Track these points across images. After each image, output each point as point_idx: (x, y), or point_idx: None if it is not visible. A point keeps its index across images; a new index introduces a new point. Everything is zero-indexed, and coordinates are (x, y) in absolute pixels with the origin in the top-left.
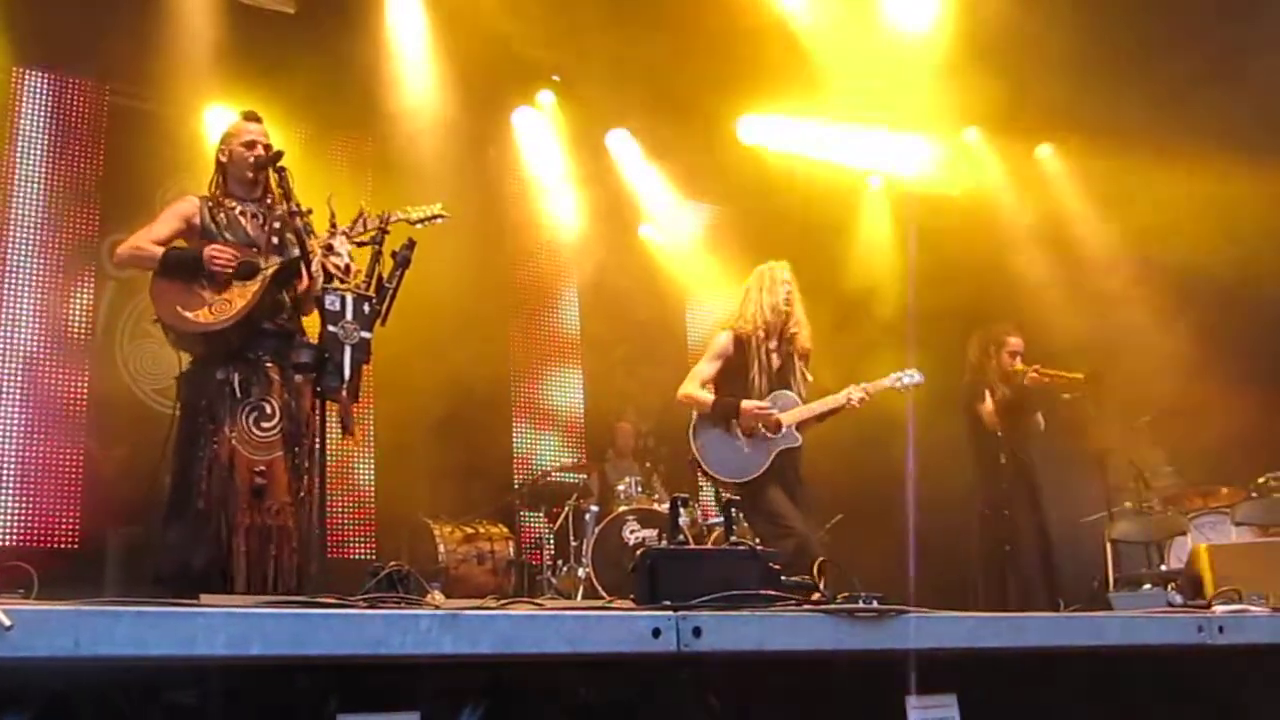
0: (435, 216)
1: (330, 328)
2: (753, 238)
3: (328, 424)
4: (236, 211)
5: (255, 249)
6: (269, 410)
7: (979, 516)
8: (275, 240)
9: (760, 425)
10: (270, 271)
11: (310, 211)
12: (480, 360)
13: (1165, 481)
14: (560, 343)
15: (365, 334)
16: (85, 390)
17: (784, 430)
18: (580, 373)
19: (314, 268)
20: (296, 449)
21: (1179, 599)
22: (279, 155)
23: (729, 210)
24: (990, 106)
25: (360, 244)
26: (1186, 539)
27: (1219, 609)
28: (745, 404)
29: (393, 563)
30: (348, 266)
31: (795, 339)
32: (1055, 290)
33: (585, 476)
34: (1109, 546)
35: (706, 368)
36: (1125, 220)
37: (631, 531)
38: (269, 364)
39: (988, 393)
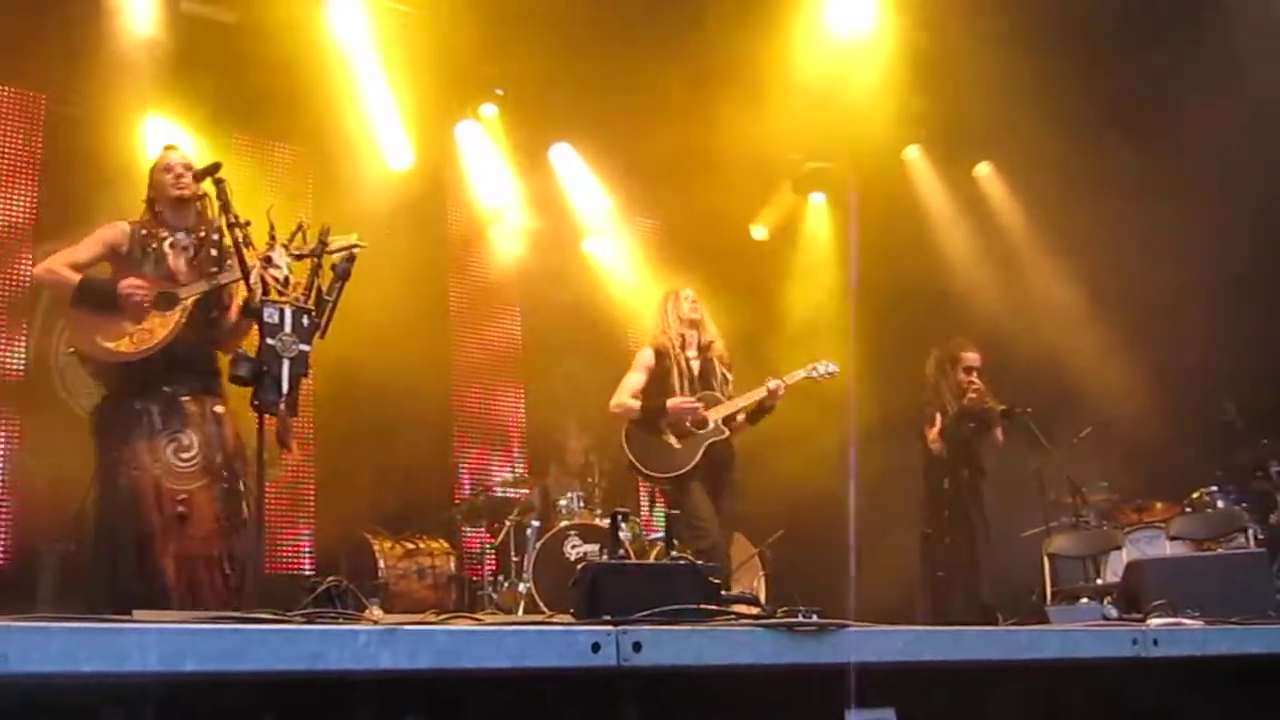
0: (352, 247)
1: (268, 340)
2: (696, 254)
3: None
4: (167, 243)
5: (176, 284)
6: (186, 442)
7: (921, 536)
8: (215, 253)
9: (688, 421)
10: (190, 301)
11: (249, 223)
12: (422, 374)
13: (1101, 497)
14: (503, 357)
15: (304, 347)
16: (15, 401)
17: (710, 424)
18: (523, 387)
19: (252, 280)
20: (226, 472)
21: (1114, 612)
22: (217, 166)
23: (672, 226)
24: (928, 124)
25: (299, 257)
26: (1122, 553)
27: (1154, 622)
28: (671, 401)
29: (330, 578)
30: (287, 279)
31: (713, 347)
32: (999, 308)
33: (527, 491)
34: (1047, 561)
35: (633, 379)
36: (1063, 241)
37: (573, 547)
38: (186, 398)
39: (936, 415)
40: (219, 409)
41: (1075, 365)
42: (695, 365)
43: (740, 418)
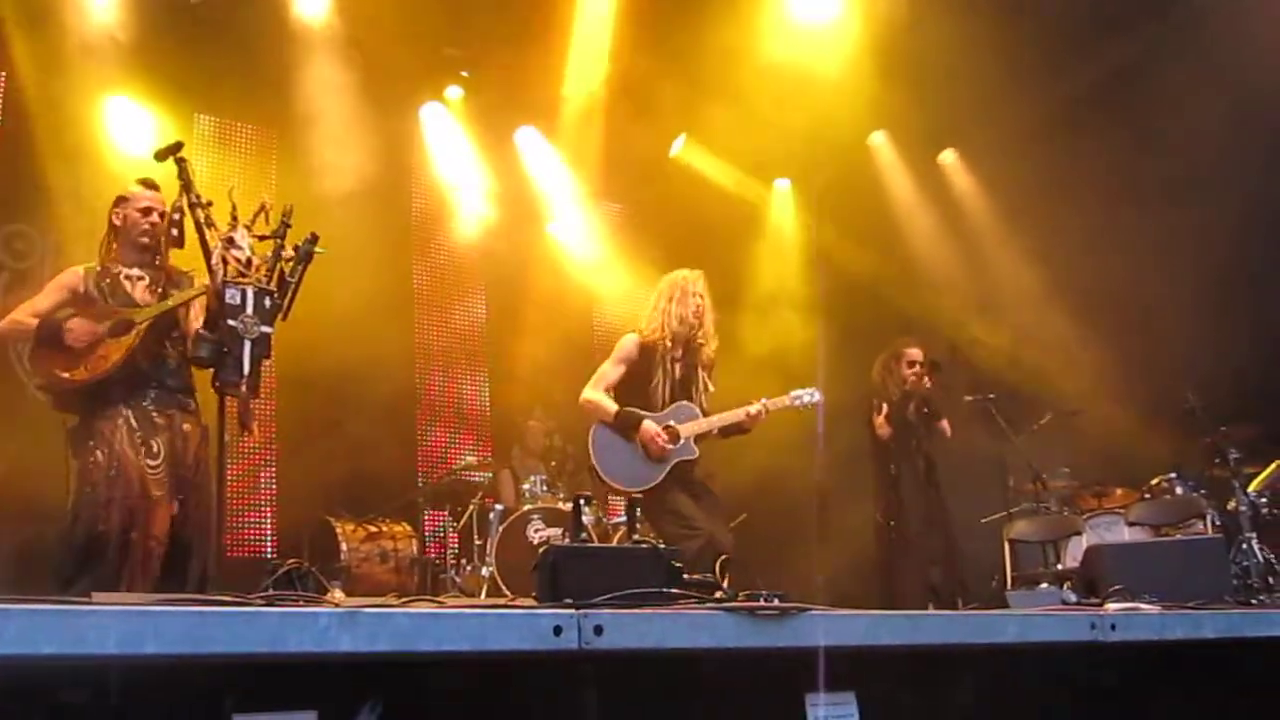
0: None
1: (230, 322)
2: (660, 239)
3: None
4: (123, 276)
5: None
6: (155, 449)
7: (874, 524)
8: (163, 291)
9: (649, 452)
10: (144, 325)
11: (211, 203)
12: (385, 356)
13: (1061, 483)
14: (467, 340)
15: (266, 329)
16: None
17: (682, 442)
18: (486, 370)
19: (214, 261)
20: (183, 484)
21: (1073, 597)
22: (178, 146)
23: (637, 211)
24: (894, 111)
25: (262, 238)
26: (1082, 539)
27: (1112, 607)
28: (646, 427)
29: (291, 560)
30: (249, 260)
31: (701, 350)
32: (963, 295)
33: (490, 475)
34: (1007, 546)
35: (611, 371)
36: (1028, 229)
37: (536, 530)
38: (153, 411)
39: (883, 405)
40: (186, 426)
41: (1038, 353)
42: (679, 370)
43: (714, 432)
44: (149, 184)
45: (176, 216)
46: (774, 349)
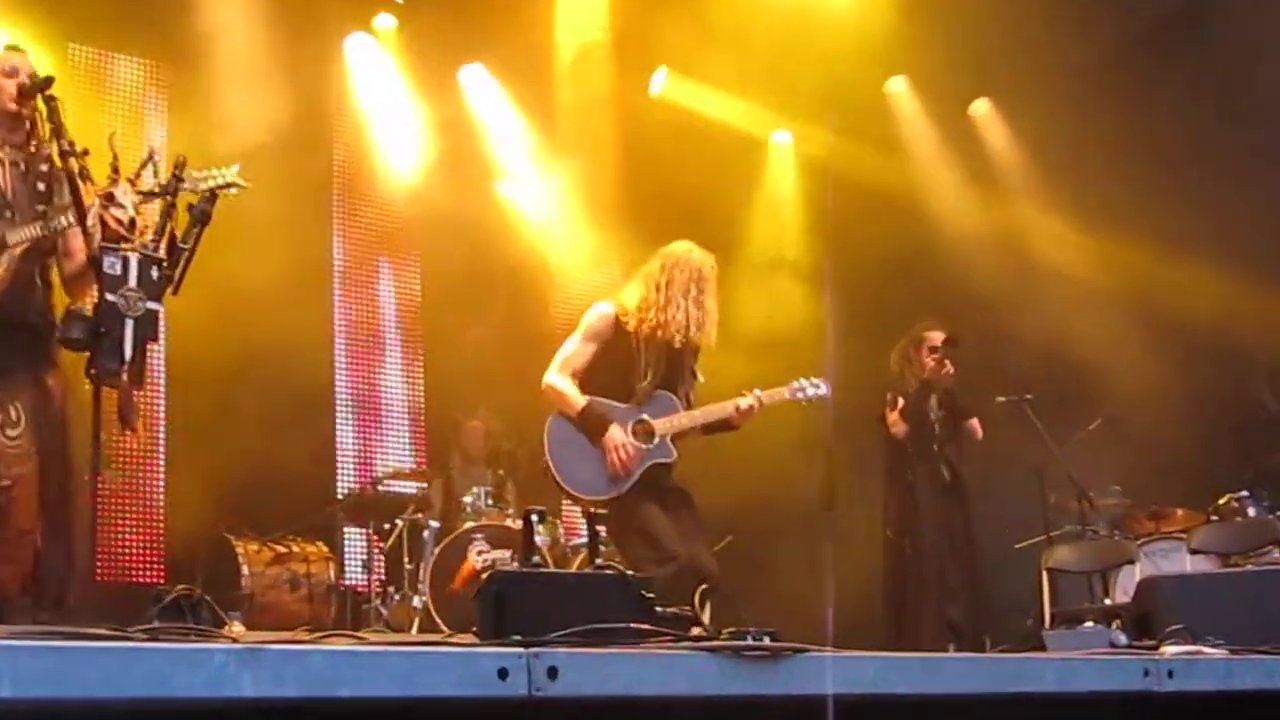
0: (228, 185)
1: (109, 296)
2: (635, 200)
3: (103, 416)
4: None
5: (9, 212)
6: (14, 416)
7: (883, 542)
8: (42, 188)
9: (613, 464)
10: (19, 250)
11: (87, 152)
12: (299, 340)
13: (1112, 501)
14: (398, 321)
15: (153, 305)
16: None
17: (657, 440)
18: (421, 358)
19: (90, 222)
20: (49, 461)
21: (1124, 639)
22: (49, 81)
23: (604, 165)
24: (915, 53)
25: (149, 195)
26: (1135, 568)
27: (1169, 650)
28: (611, 435)
29: (180, 586)
30: (132, 221)
31: (695, 338)
32: (996, 273)
33: (425, 485)
34: (1046, 577)
35: (579, 351)
36: (1075, 196)
37: (479, 553)
38: (13, 364)
39: (898, 399)
40: (51, 380)
41: (1085, 345)
42: (664, 362)
43: (696, 429)
44: (14, 48)
45: (45, 167)
46: (770, 331)
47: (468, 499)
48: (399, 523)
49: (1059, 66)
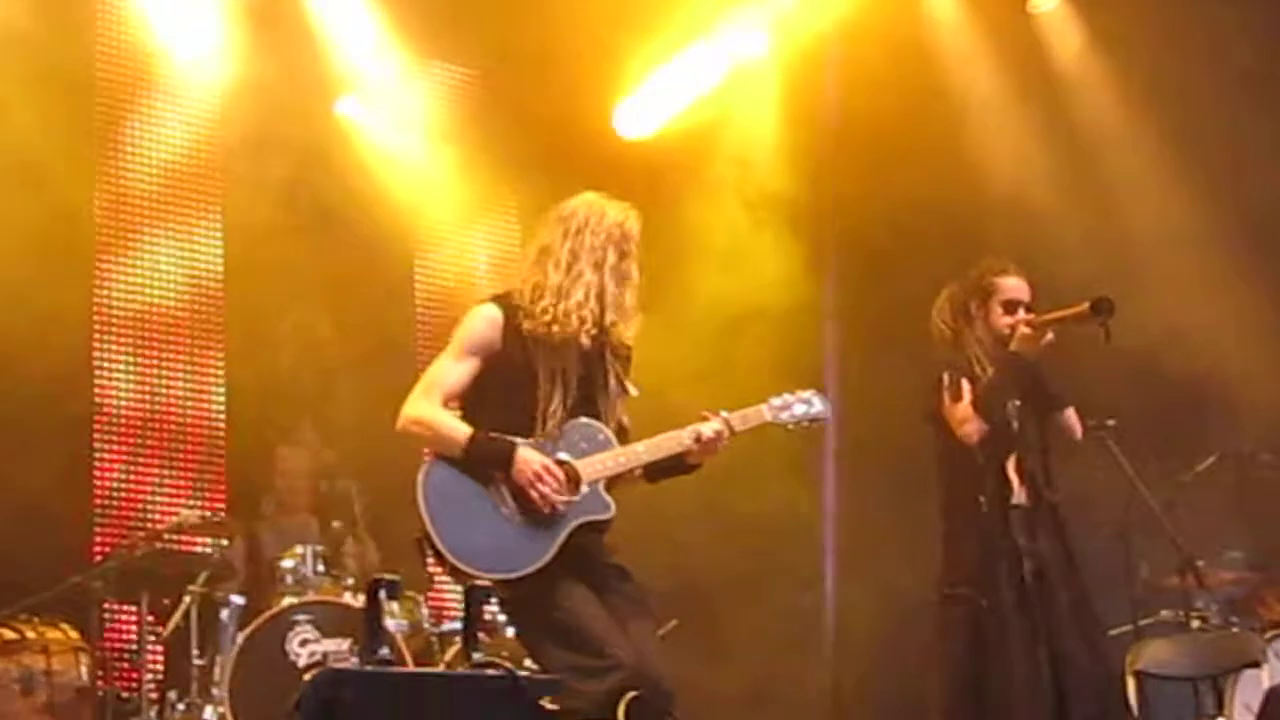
0: None
1: None
2: (538, 131)
3: None
4: None
5: None
6: None
7: (941, 602)
8: None
9: (543, 498)
10: None
11: None
12: (43, 330)
13: (1231, 575)
14: (188, 303)
15: None
16: None
17: (585, 490)
18: (220, 357)
19: None
20: None
21: None
22: None
23: (498, 80)
24: None
25: None
26: (1261, 673)
27: None
28: (525, 459)
29: None
30: None
31: (613, 330)
32: (1065, 243)
33: (224, 543)
34: (1133, 682)
35: (454, 369)
36: (1183, 138)
37: (303, 642)
38: None
39: (963, 382)
40: None
41: (1195, 351)
42: (580, 367)
43: (636, 472)
44: None
45: None
46: (738, 323)
47: (287, 563)
48: (186, 597)
49: None
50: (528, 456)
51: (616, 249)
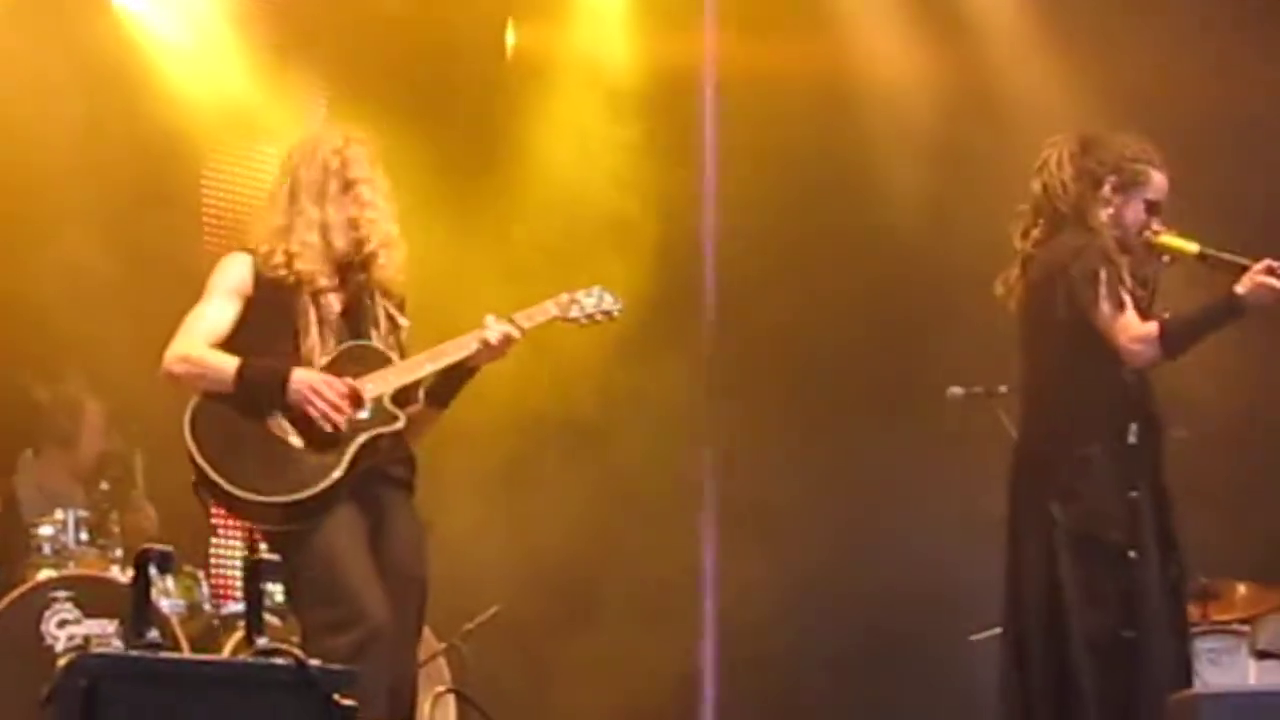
0: None
1: None
2: (360, 37)
3: None
4: None
5: None
6: None
7: (1074, 543)
8: None
9: (324, 414)
10: None
11: None
12: None
13: None
14: None
15: None
16: None
17: (367, 405)
18: None
19: None
20: None
21: None
22: None
23: None
24: None
25: None
26: None
27: None
28: (298, 374)
29: None
30: None
31: (373, 262)
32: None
33: None
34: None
35: (214, 313)
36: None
37: (61, 623)
38: None
39: (1122, 292)
40: None
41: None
42: (338, 300)
43: (420, 392)
44: None
45: None
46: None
47: (45, 530)
48: None
49: None
50: (303, 374)
51: (338, 178)
